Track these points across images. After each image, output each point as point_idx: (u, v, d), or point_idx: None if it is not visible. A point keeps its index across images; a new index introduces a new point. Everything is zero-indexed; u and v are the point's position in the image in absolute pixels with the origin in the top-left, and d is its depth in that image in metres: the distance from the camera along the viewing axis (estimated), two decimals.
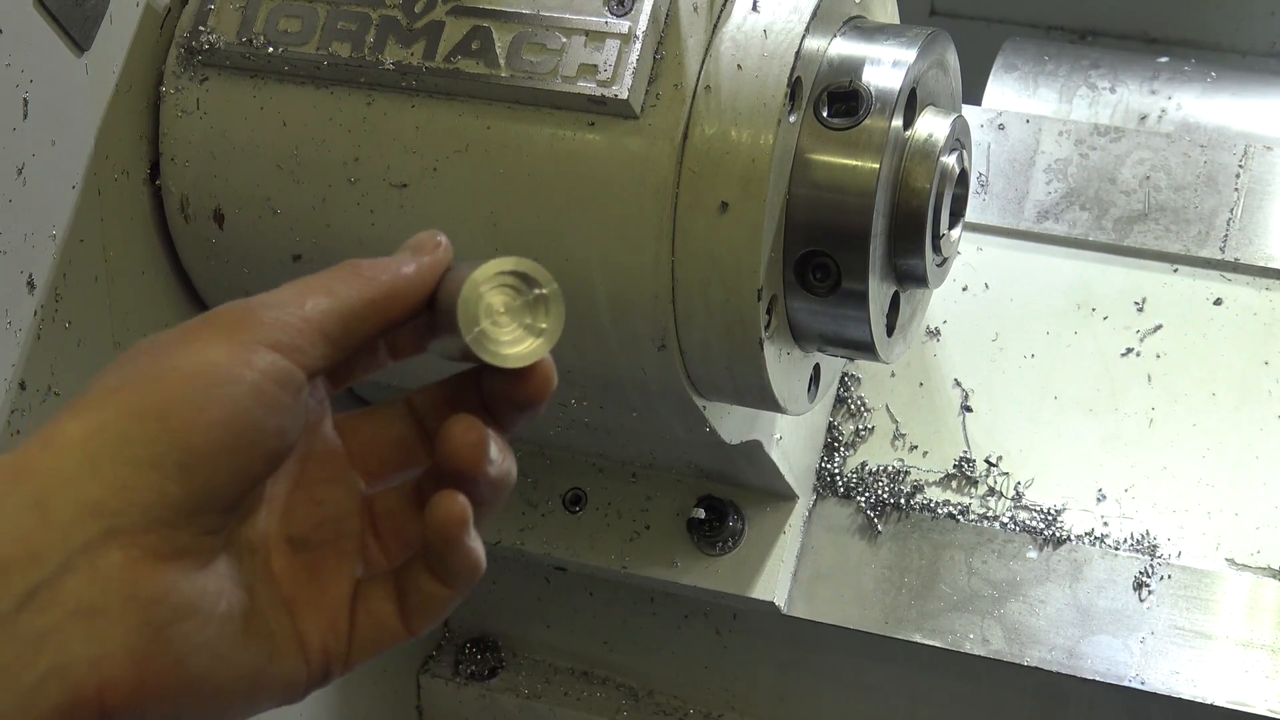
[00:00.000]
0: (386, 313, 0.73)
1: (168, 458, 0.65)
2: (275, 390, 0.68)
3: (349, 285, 0.72)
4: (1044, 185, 1.47)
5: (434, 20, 1.11)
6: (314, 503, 0.74)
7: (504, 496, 0.75)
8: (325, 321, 0.71)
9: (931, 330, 1.44)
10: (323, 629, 0.73)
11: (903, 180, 1.12)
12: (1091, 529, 1.35)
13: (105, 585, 0.64)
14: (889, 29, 1.15)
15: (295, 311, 0.70)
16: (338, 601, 0.74)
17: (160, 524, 0.66)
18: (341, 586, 0.74)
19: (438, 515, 0.72)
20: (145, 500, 0.65)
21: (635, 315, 1.10)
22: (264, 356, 0.68)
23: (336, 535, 0.75)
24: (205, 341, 0.68)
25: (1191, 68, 1.74)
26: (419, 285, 0.74)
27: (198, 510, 0.67)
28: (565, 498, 1.41)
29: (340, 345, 0.72)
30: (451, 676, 1.61)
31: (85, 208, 1.12)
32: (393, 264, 0.74)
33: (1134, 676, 1.30)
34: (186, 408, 0.66)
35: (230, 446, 0.67)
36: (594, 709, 1.57)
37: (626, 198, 1.07)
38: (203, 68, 1.16)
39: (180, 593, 0.66)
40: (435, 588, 0.74)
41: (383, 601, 0.74)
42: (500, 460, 0.73)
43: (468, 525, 0.72)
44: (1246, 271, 1.42)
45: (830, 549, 1.39)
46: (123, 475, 0.65)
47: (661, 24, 1.07)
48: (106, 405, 0.67)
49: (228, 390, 0.67)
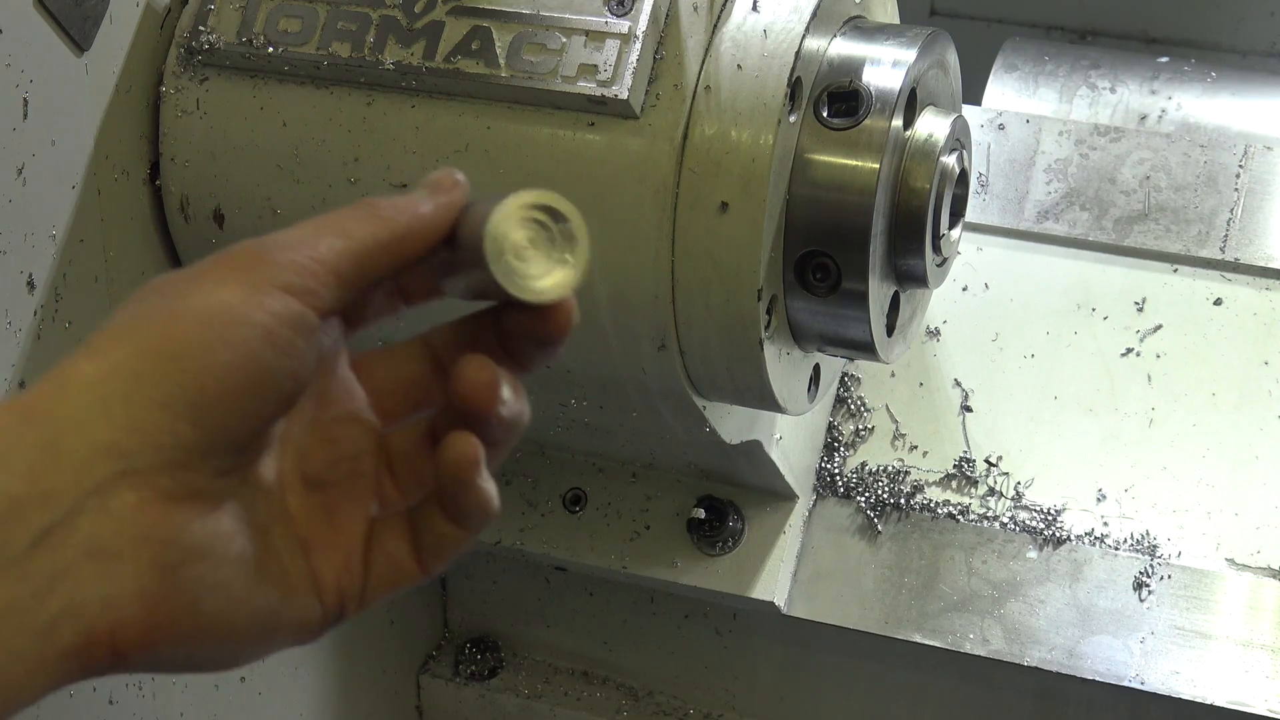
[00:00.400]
0: (402, 253, 0.72)
1: (180, 399, 0.65)
2: (287, 333, 0.68)
3: (365, 225, 0.72)
4: (1044, 185, 1.47)
5: (434, 20, 1.11)
6: (329, 441, 0.74)
7: (516, 437, 0.74)
8: (339, 262, 0.70)
9: (931, 330, 1.44)
10: (337, 568, 0.73)
11: (903, 180, 1.12)
12: (1091, 529, 1.35)
13: (117, 526, 0.64)
14: (889, 29, 1.15)
15: (309, 253, 0.70)
16: (352, 540, 0.73)
17: (172, 465, 0.65)
18: (356, 525, 0.74)
19: (449, 456, 0.71)
20: (157, 441, 0.65)
21: (635, 315, 1.10)
22: (276, 299, 0.68)
23: (351, 474, 0.74)
24: (218, 282, 0.68)
25: (1191, 68, 1.74)
26: (436, 224, 0.73)
27: (210, 451, 0.67)
28: (565, 498, 1.41)
29: (354, 286, 0.71)
30: (451, 676, 1.61)
31: (85, 208, 1.12)
32: (410, 203, 0.73)
33: (1134, 676, 1.30)
34: (199, 349, 0.66)
35: (242, 388, 0.67)
36: (594, 709, 1.57)
37: (626, 198, 1.07)
38: (203, 68, 1.16)
39: (193, 534, 0.66)
40: (448, 528, 0.73)
41: (398, 541, 0.74)
42: (513, 400, 0.72)
43: (479, 466, 0.71)
44: (1246, 271, 1.42)
45: (830, 549, 1.39)
46: (135, 416, 0.65)
47: (661, 24, 1.07)
48: (119, 345, 0.67)
49: (240, 333, 0.66)
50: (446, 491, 0.73)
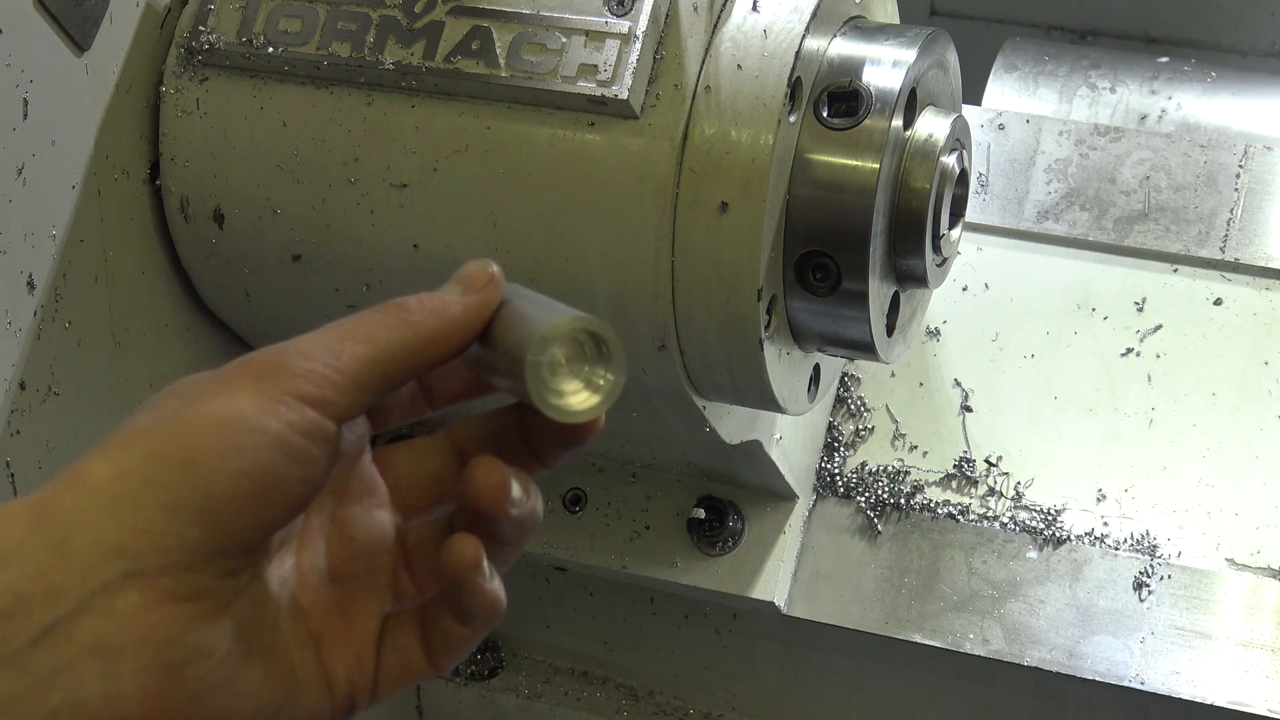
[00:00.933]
0: (430, 356, 0.73)
1: (188, 504, 0.66)
2: (301, 441, 0.68)
3: (391, 331, 0.72)
4: (1044, 185, 1.47)
5: (434, 20, 1.11)
6: (348, 537, 0.75)
7: (529, 536, 0.75)
8: (361, 371, 0.70)
9: (931, 330, 1.44)
10: (349, 663, 0.74)
11: (903, 180, 1.12)
12: (1091, 529, 1.35)
13: (121, 625, 0.65)
14: (889, 29, 1.14)
15: (330, 362, 0.70)
16: (365, 635, 0.74)
17: (178, 567, 0.66)
18: (370, 620, 0.75)
19: (450, 559, 0.72)
20: (164, 544, 0.66)
21: (635, 315, 1.10)
22: (292, 408, 0.68)
23: (369, 569, 0.76)
24: (235, 389, 0.69)
25: (1191, 68, 1.74)
26: (468, 326, 0.73)
27: (217, 554, 0.68)
28: (565, 498, 1.41)
29: (379, 391, 0.72)
30: (451, 676, 1.61)
31: (85, 208, 1.12)
32: (440, 304, 0.73)
33: (1134, 677, 1.30)
34: (210, 455, 0.67)
35: (252, 494, 0.67)
36: (594, 709, 1.57)
37: (626, 198, 1.07)
38: (203, 68, 1.16)
39: (196, 633, 0.67)
40: (455, 626, 0.75)
41: (409, 636, 0.75)
42: (525, 501, 0.73)
43: (480, 568, 0.73)
44: (1246, 271, 1.42)
45: (830, 549, 1.39)
46: (144, 519, 0.66)
47: (661, 24, 1.07)
48: (133, 448, 0.68)
49: (252, 440, 0.67)
50: (450, 592, 0.74)
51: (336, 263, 1.16)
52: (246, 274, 1.19)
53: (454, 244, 1.12)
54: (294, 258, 1.17)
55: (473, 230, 1.11)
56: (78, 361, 1.12)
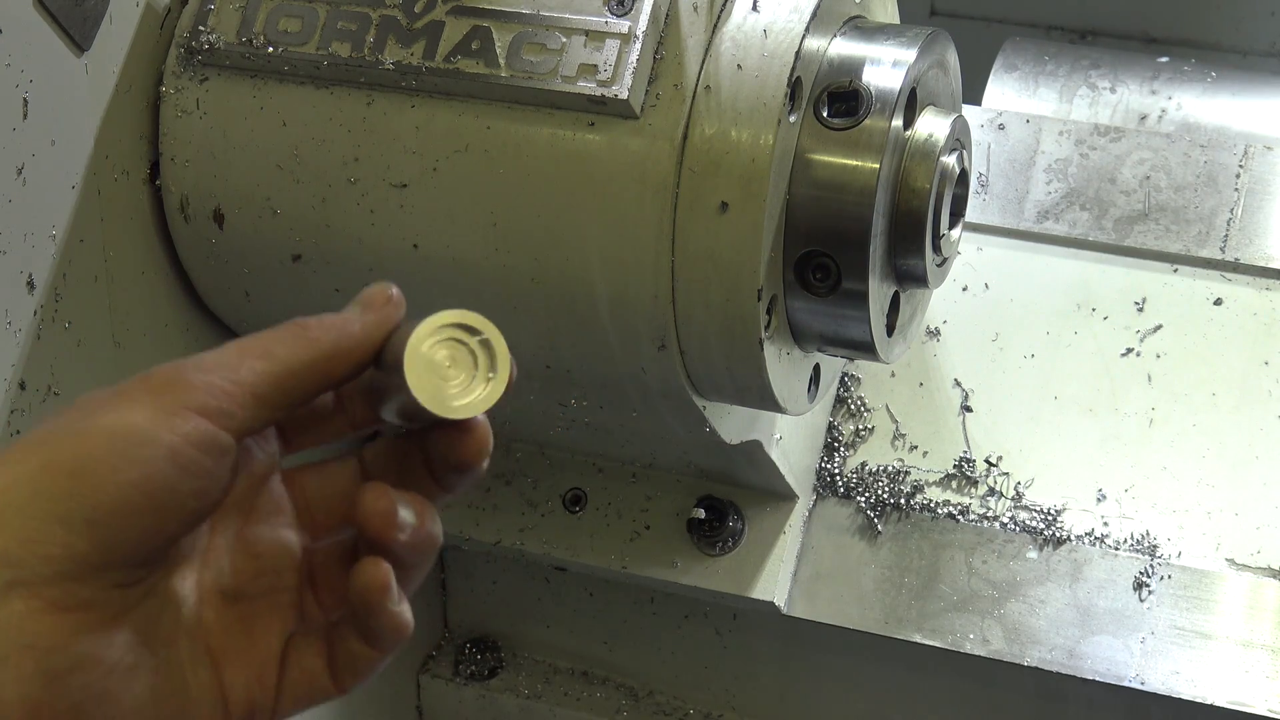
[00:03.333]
0: (329, 372, 0.73)
1: (77, 514, 0.67)
2: (195, 454, 0.69)
3: (289, 347, 0.72)
4: (1044, 185, 1.47)
5: (434, 20, 1.11)
6: (252, 555, 0.75)
7: (428, 560, 0.75)
8: (259, 385, 0.71)
9: (931, 330, 1.44)
10: (248, 681, 0.74)
11: (903, 180, 1.12)
12: (1091, 529, 1.35)
13: (3, 633, 0.66)
14: (889, 29, 1.14)
15: (228, 376, 0.71)
16: (267, 654, 0.75)
17: (64, 577, 0.67)
18: (273, 640, 0.75)
19: (359, 581, 0.72)
20: (50, 554, 0.66)
21: (635, 315, 1.10)
22: (187, 420, 0.69)
23: (273, 588, 0.76)
24: (132, 402, 0.69)
25: (1191, 68, 1.74)
26: (363, 345, 0.74)
27: (105, 565, 0.68)
28: (565, 498, 1.41)
29: (278, 405, 0.72)
30: (451, 676, 1.61)
31: (85, 208, 1.12)
32: (340, 322, 0.74)
33: (1134, 677, 1.30)
34: (101, 467, 0.67)
35: (142, 507, 0.68)
36: (594, 709, 1.57)
37: (626, 198, 1.07)
38: (203, 68, 1.16)
39: (81, 643, 0.67)
40: (362, 648, 0.75)
41: (314, 657, 0.75)
42: (419, 525, 0.73)
43: (389, 591, 0.73)
44: (1246, 271, 1.42)
45: (830, 549, 1.39)
46: (30, 529, 0.66)
47: (661, 24, 1.07)
48: (26, 459, 0.68)
49: (144, 452, 0.68)
50: (358, 615, 0.74)
51: (336, 263, 1.16)
52: (246, 274, 1.19)
53: (454, 244, 1.12)
54: (294, 258, 1.17)
55: (473, 230, 1.11)
56: (78, 361, 1.12)
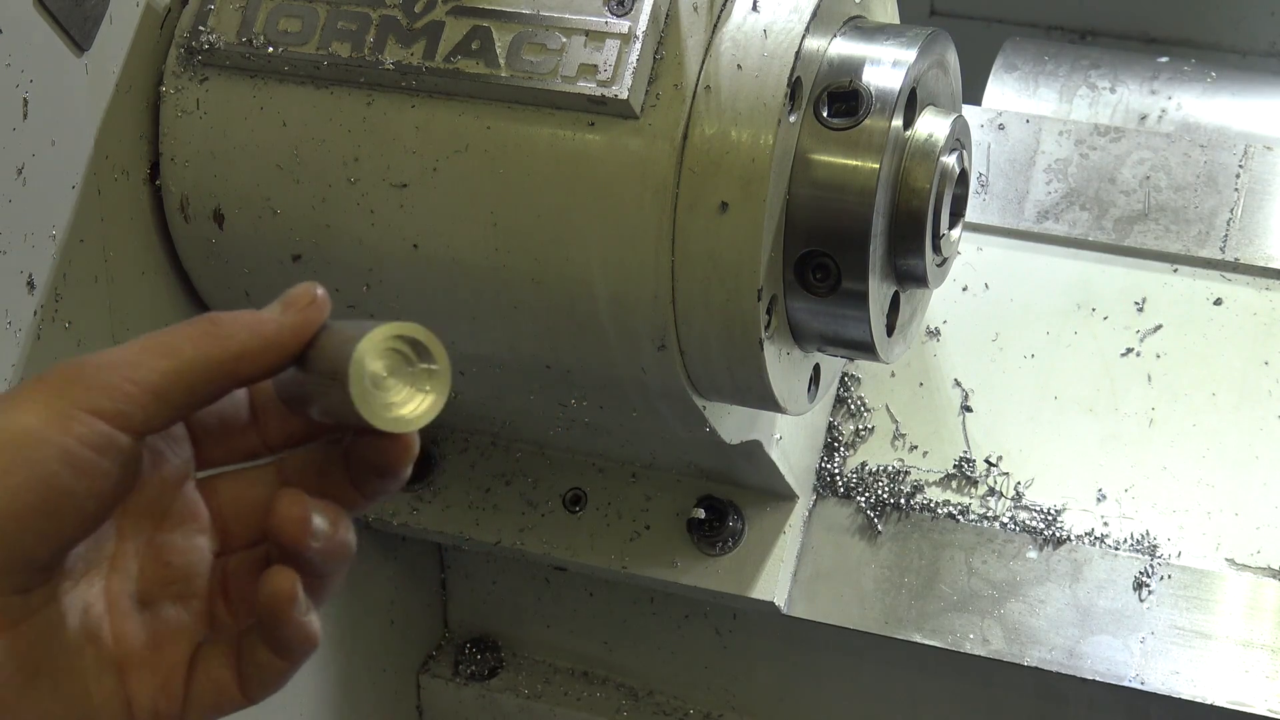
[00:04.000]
0: (239, 372, 0.71)
1: None
2: (89, 455, 0.67)
3: (197, 344, 0.71)
4: (1044, 185, 1.47)
5: (434, 20, 1.11)
6: (163, 563, 0.74)
7: (340, 570, 0.74)
8: (162, 384, 0.69)
9: (931, 330, 1.44)
10: (154, 690, 0.73)
11: (903, 180, 1.12)
12: (1091, 529, 1.35)
13: None
14: (889, 29, 1.14)
15: (128, 374, 0.69)
16: (175, 662, 0.74)
17: None
18: (180, 648, 0.74)
19: (266, 591, 0.71)
20: None
21: (635, 315, 1.10)
22: (82, 421, 0.68)
23: (183, 596, 0.75)
24: (27, 403, 0.68)
25: (1191, 68, 1.74)
26: (282, 343, 0.72)
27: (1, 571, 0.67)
28: (565, 498, 1.41)
29: (182, 405, 0.71)
30: (451, 676, 1.61)
31: (85, 208, 1.12)
32: (254, 321, 0.72)
33: (1134, 676, 1.30)
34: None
35: (36, 509, 0.67)
36: (594, 709, 1.57)
37: (626, 198, 1.07)
38: (203, 68, 1.16)
39: None
40: (270, 658, 0.73)
41: (222, 667, 0.74)
42: (332, 533, 0.72)
43: (296, 601, 0.71)
44: (1246, 271, 1.42)
45: (830, 549, 1.39)
46: None
47: (661, 24, 1.07)
48: None
49: (36, 454, 0.67)
50: (266, 624, 0.72)
51: (336, 263, 1.16)
52: (246, 274, 1.19)
53: (454, 244, 1.12)
54: (294, 258, 1.17)
55: (473, 230, 1.11)
56: None
